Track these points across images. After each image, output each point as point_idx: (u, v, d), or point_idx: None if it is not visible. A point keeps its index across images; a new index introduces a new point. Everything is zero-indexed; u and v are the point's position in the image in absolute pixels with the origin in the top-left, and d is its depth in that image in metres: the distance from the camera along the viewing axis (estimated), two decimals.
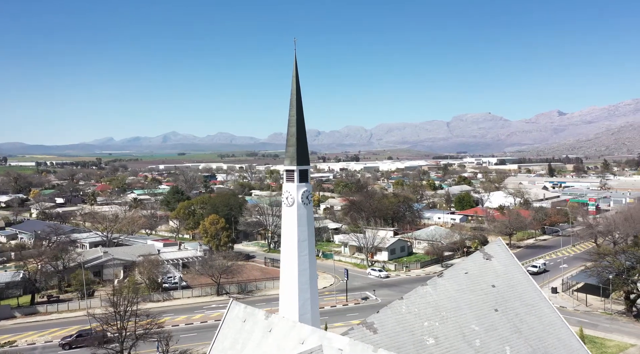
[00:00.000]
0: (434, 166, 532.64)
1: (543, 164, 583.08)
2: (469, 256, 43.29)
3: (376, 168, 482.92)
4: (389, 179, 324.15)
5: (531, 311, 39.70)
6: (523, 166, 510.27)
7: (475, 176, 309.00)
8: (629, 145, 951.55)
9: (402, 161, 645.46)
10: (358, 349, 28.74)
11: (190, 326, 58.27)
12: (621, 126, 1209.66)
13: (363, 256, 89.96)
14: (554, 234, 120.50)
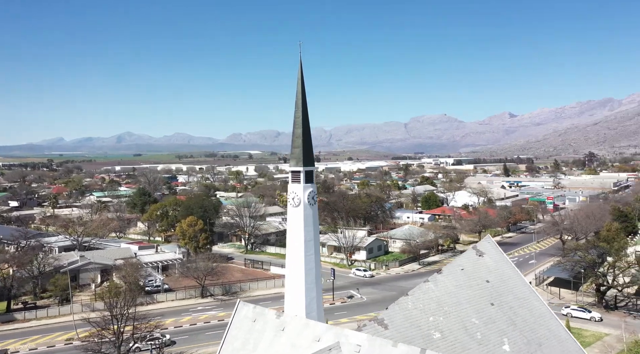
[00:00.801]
0: (394, 166, 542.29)
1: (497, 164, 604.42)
2: (463, 252, 45.28)
3: (338, 169, 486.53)
4: (352, 179, 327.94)
5: (523, 304, 42.00)
6: (479, 166, 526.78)
7: (436, 176, 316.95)
8: (574, 146, 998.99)
9: (363, 162, 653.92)
10: (377, 344, 29.78)
11: (180, 329, 57.66)
12: (567, 127, 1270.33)
13: (342, 255, 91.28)
14: (518, 231, 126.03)
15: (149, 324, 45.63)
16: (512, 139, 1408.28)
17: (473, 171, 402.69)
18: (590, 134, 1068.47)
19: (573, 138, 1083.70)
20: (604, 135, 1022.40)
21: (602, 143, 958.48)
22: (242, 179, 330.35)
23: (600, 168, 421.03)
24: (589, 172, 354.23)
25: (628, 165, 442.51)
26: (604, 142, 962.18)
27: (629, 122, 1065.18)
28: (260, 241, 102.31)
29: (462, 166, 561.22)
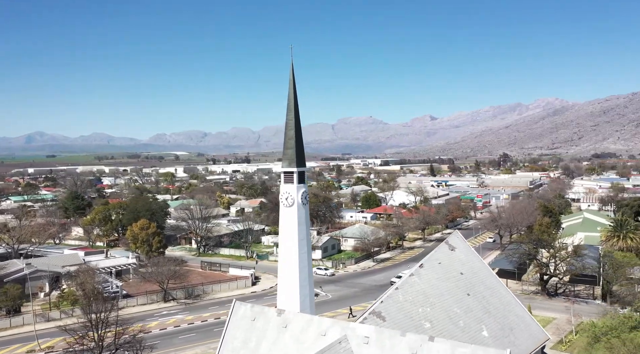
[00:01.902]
0: (325, 167, 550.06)
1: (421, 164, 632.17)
2: (437, 247, 48.49)
3: (269, 170, 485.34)
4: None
5: (493, 294, 45.99)
6: (405, 167, 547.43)
7: (368, 176, 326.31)
8: (489, 147, 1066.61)
9: None
10: (385, 335, 31.78)
11: (151, 334, 56.10)
12: (482, 130, 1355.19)
13: None
14: (455, 228, 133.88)
15: (132, 328, 44.41)
16: (433, 141, 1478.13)
17: (401, 172, 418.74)
18: (502, 137, 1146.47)
19: (488, 140, 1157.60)
20: (514, 137, 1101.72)
21: (513, 145, 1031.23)
22: (174, 180, 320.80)
23: (514, 168, 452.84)
24: (506, 171, 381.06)
25: (537, 165, 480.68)
26: (515, 144, 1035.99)
27: (535, 125, 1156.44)
28: (214, 243, 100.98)
29: (389, 166, 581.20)
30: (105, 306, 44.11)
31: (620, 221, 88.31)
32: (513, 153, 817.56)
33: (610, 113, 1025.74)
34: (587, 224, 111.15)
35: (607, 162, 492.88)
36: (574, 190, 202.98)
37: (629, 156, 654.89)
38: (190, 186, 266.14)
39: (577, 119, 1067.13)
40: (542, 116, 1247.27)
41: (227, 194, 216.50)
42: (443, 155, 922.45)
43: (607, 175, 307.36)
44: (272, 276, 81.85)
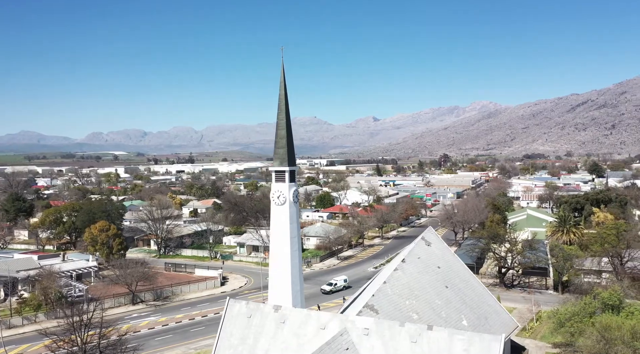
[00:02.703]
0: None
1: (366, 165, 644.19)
2: (414, 243, 50.94)
3: (215, 170, 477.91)
4: (234, 180, 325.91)
5: (467, 286, 49.04)
6: (351, 167, 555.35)
7: (317, 176, 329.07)
8: (429, 148, 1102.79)
9: (239, 163, 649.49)
10: (385, 326, 33.50)
11: (125, 337, 54.79)
12: (423, 131, 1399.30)
13: (261, 254, 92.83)
14: (409, 226, 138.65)
15: (117, 329, 43.46)
16: (376, 142, 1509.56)
17: (348, 172, 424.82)
18: (441, 138, 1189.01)
19: (428, 141, 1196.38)
20: (453, 138, 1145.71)
21: (451, 146, 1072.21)
22: (117, 181, 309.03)
23: (454, 168, 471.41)
24: (447, 171, 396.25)
25: (475, 165, 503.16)
26: (453, 144, 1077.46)
27: (472, 127, 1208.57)
28: (175, 244, 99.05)
29: (335, 166, 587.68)
30: (88, 308, 42.95)
31: (564, 217, 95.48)
32: (452, 154, 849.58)
33: (539, 116, 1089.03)
34: (531, 220, 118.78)
35: (538, 162, 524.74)
36: (513, 189, 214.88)
37: (556, 157, 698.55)
38: (135, 186, 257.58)
39: (510, 122, 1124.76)
40: (478, 118, 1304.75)
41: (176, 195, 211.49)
42: (386, 155, 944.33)
43: (539, 174, 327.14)
44: (239, 276, 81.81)
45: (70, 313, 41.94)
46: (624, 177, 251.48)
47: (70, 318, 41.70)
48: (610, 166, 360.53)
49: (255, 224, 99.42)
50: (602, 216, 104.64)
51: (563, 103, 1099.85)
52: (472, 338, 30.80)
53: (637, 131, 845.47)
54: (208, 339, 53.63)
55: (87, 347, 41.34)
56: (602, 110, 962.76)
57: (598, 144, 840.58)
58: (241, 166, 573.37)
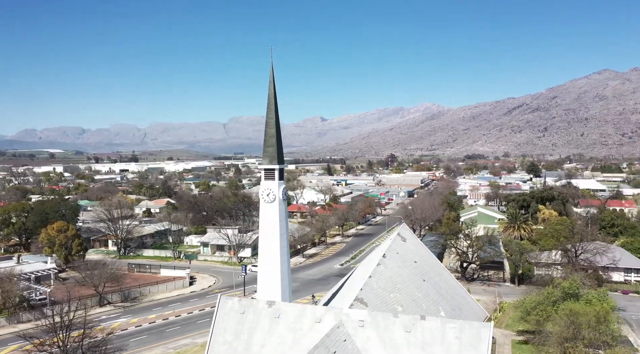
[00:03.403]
0: (221, 167, 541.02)
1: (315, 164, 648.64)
2: (391, 239, 52.89)
3: (161, 169, 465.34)
4: (182, 180, 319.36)
5: (442, 279, 51.71)
6: (300, 166, 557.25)
7: None
8: (376, 148, 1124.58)
9: (186, 162, 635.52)
10: (379, 318, 35.08)
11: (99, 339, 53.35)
12: (369, 132, 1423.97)
13: (225, 253, 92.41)
14: (366, 224, 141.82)
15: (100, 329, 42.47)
16: (324, 141, 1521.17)
17: (298, 171, 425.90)
18: (387, 138, 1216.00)
19: (374, 141, 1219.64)
20: (398, 139, 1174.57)
21: (397, 146, 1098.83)
22: (59, 180, 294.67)
23: (401, 167, 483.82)
24: (396, 171, 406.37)
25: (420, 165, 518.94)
26: (399, 145, 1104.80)
27: (416, 128, 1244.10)
28: (135, 244, 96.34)
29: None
30: (69, 308, 41.87)
31: (515, 214, 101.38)
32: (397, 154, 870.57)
33: (479, 119, 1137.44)
34: (482, 217, 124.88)
35: (479, 162, 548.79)
36: (461, 188, 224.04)
37: (494, 157, 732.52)
38: (80, 186, 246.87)
39: (452, 123, 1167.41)
40: (422, 119, 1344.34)
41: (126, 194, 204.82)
42: (334, 155, 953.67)
43: (481, 174, 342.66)
44: (207, 275, 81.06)
45: (51, 314, 40.71)
46: (559, 177, 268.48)
47: (50, 319, 40.53)
48: (544, 166, 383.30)
49: (222, 223, 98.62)
50: (547, 212, 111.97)
51: (500, 106, 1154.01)
52: (463, 325, 32.88)
53: (567, 133, 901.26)
54: (186, 338, 53.33)
55: (69, 349, 40.31)
56: (535, 113, 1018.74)
57: (532, 146, 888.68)
58: (188, 165, 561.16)
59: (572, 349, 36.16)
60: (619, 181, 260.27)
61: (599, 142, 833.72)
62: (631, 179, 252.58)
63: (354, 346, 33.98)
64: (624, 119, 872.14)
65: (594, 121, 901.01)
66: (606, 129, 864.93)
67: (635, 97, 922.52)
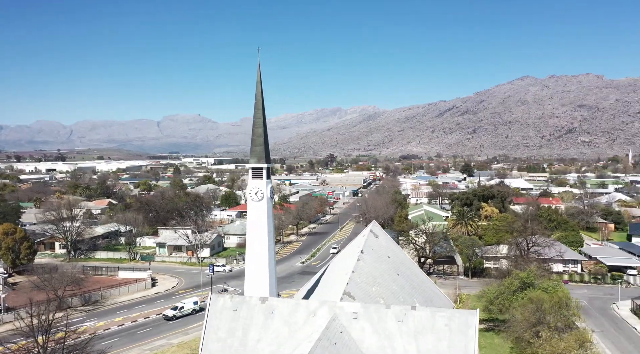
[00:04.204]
0: (157, 166, 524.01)
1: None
2: (364, 236, 54.97)
3: (93, 169, 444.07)
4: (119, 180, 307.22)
5: (413, 273, 54.63)
6: (240, 166, 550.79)
7: (212, 175, 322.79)
8: (314, 148, 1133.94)
9: (119, 161, 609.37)
10: (372, 309, 37.04)
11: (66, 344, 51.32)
12: (307, 132, 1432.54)
13: (183, 254, 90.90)
14: (317, 222, 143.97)
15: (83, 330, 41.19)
16: None
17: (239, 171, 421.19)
18: (325, 138, 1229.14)
19: (312, 141, 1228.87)
20: (336, 139, 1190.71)
21: (335, 146, 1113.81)
22: None
23: (341, 167, 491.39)
24: (337, 171, 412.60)
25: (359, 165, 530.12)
26: (336, 145, 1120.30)
27: (353, 129, 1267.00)
28: (87, 246, 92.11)
29: (223, 165, 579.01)
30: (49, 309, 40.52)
31: (462, 211, 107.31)
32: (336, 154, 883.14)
33: (412, 120, 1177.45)
34: (429, 215, 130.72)
35: (414, 162, 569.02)
36: (403, 187, 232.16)
37: (428, 157, 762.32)
38: (6, 186, 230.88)
39: (387, 125, 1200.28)
40: (359, 120, 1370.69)
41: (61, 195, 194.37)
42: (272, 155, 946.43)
43: (418, 174, 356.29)
44: (168, 277, 79.53)
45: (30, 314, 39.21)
46: (491, 176, 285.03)
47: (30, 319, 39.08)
48: (475, 166, 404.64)
49: (173, 224, 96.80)
50: (489, 210, 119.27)
51: (433, 109, 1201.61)
52: (451, 314, 35.42)
53: (493, 135, 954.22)
54: (160, 339, 52.65)
55: (49, 351, 38.98)
56: (464, 116, 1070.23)
57: (462, 147, 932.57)
58: (122, 164, 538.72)
59: (542, 333, 39.78)
60: (544, 180, 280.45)
61: (521, 144, 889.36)
62: (554, 179, 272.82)
63: (350, 337, 35.56)
64: (543, 123, 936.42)
65: (517, 124, 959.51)
66: (528, 132, 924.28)
67: (553, 103, 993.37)
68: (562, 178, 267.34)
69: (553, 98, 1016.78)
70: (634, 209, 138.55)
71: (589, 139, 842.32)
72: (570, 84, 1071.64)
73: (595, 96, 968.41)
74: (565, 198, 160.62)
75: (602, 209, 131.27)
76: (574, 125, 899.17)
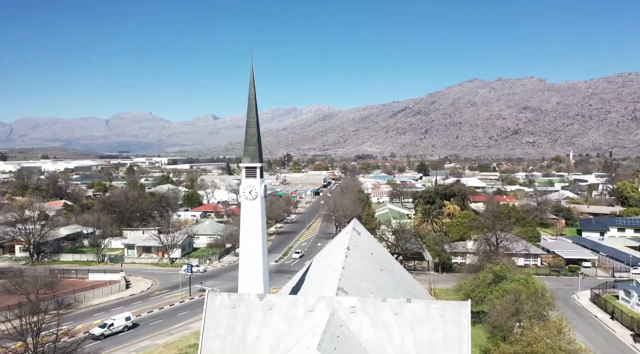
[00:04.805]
0: (108, 166, 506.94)
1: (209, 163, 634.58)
2: (347, 233, 56.43)
3: (38, 169, 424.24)
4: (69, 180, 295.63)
5: (394, 269, 56.79)
6: (195, 166, 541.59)
7: (169, 174, 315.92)
8: (270, 148, 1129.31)
9: (66, 161, 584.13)
10: (368, 302, 38.54)
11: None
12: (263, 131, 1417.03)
13: (153, 255, 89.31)
14: (282, 221, 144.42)
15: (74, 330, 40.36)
16: (216, 140, 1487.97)
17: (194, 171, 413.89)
18: (281, 138, 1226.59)
19: (268, 141, 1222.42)
20: (292, 139, 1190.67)
21: (291, 146, 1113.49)
22: None
23: (298, 167, 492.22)
24: (295, 170, 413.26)
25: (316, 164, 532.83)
26: (292, 145, 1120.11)
27: (309, 128, 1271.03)
28: (51, 248, 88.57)
29: (177, 165, 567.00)
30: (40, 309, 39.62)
31: (428, 209, 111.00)
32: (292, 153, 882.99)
33: (367, 120, 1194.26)
34: (393, 213, 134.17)
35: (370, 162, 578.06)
36: (363, 186, 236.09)
37: (382, 157, 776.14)
38: None
39: (342, 125, 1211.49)
40: (314, 120, 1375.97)
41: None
42: (228, 154, 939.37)
43: (375, 173, 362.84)
44: (141, 278, 78.08)
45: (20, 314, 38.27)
46: (446, 176, 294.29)
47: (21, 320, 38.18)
48: (429, 166, 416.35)
49: (147, 224, 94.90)
50: (451, 207, 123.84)
51: (387, 109, 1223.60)
52: (444, 305, 37.35)
53: (445, 135, 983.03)
54: (144, 341, 52.14)
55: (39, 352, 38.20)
56: (417, 117, 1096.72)
57: (415, 147, 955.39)
58: (69, 164, 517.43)
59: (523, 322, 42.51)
60: (495, 179, 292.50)
61: (471, 144, 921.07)
62: (505, 177, 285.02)
63: (349, 331, 36.84)
64: (491, 124, 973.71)
65: (466, 125, 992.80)
66: (477, 133, 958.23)
67: (500, 105, 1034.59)
68: (512, 177, 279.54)
69: (500, 100, 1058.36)
70: (582, 206, 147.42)
71: (533, 140, 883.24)
72: (516, 87, 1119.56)
73: (538, 99, 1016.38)
74: (519, 196, 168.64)
75: (554, 206, 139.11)
76: (519, 126, 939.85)
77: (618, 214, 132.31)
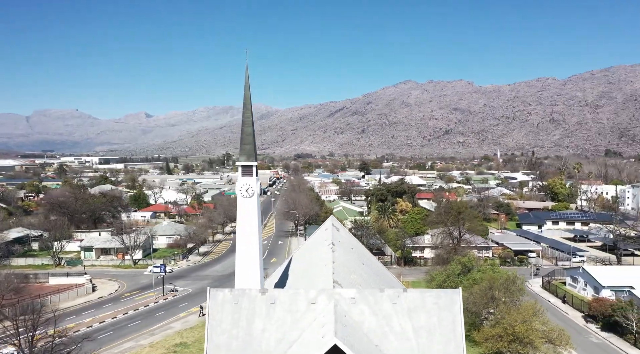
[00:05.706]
0: (33, 166, 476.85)
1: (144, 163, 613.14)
2: (327, 229, 58.33)
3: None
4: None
5: (372, 262, 59.69)
6: (129, 165, 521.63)
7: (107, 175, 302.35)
8: (207, 146, 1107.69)
9: None
10: (367, 293, 40.77)
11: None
12: (199, 130, 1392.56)
13: (112, 257, 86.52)
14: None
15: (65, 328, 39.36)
16: (149, 139, 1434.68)
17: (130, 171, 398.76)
18: (218, 137, 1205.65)
19: (204, 140, 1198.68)
20: (229, 138, 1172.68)
21: (228, 145, 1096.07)
22: None
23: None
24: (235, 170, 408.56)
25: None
26: (230, 144, 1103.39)
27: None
28: (1, 253, 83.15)
29: (110, 164, 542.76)
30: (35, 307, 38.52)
31: (384, 206, 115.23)
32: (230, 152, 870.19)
33: (305, 120, 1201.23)
34: (347, 211, 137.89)
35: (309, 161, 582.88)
36: (311, 185, 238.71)
37: (321, 156, 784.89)
38: None
39: (280, 124, 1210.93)
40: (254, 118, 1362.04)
41: None
42: (162, 153, 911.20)
43: (318, 172, 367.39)
44: (105, 280, 75.65)
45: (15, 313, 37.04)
46: (387, 174, 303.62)
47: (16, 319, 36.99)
48: (370, 165, 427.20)
49: (104, 225, 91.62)
50: (404, 204, 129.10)
51: (324, 109, 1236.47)
52: (438, 293, 40.16)
53: (381, 135, 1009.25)
54: (127, 342, 51.30)
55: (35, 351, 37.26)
56: (354, 116, 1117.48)
57: (352, 146, 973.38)
58: None
59: (500, 307, 46.38)
60: (434, 177, 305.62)
61: (406, 143, 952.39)
62: (442, 176, 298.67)
63: (353, 320, 38.73)
64: (424, 124, 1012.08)
65: (401, 125, 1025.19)
66: (411, 133, 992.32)
67: (432, 106, 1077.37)
68: (449, 175, 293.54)
69: (432, 101, 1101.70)
70: (518, 202, 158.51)
71: (463, 140, 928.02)
72: (446, 89, 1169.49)
73: (467, 101, 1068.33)
74: (460, 193, 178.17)
75: (495, 201, 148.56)
76: (450, 126, 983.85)
77: (550, 209, 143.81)
